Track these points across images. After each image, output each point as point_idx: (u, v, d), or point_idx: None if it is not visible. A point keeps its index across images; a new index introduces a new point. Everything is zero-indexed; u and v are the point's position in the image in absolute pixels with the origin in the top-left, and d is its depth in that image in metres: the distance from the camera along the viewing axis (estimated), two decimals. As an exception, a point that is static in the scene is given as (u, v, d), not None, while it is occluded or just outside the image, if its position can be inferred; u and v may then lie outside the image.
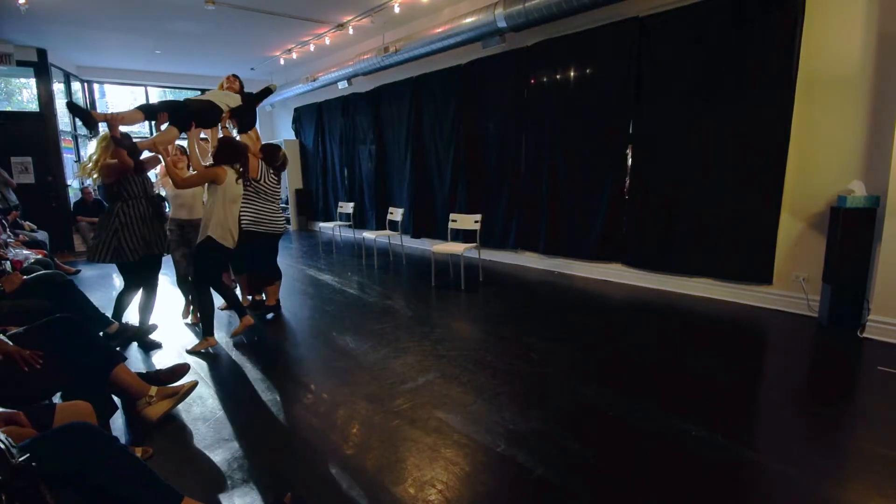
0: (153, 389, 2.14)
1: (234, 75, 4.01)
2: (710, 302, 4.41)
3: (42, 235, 6.29)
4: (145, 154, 3.47)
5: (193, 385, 2.54)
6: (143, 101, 10.43)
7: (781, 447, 2.20)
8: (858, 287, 3.55)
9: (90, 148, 3.50)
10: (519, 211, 6.07)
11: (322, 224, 9.28)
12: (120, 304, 3.58)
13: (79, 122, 9.30)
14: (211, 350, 3.51)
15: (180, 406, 2.56)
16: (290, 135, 11.02)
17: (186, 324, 4.16)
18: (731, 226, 4.26)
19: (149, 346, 3.59)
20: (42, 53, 7.76)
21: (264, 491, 1.92)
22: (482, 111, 6.33)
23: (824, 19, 3.71)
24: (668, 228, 4.70)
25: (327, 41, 7.63)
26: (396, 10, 6.16)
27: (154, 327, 3.73)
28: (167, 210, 3.86)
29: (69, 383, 1.99)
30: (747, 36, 4.00)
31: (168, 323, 4.13)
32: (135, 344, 3.63)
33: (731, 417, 2.47)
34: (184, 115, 3.40)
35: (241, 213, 3.81)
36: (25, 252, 4.37)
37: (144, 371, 2.60)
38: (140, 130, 9.21)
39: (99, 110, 9.99)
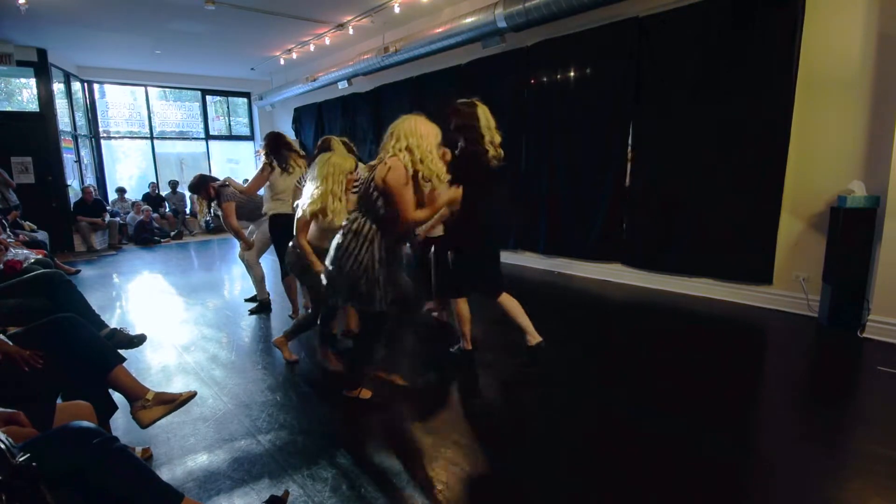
0: (150, 393, 2.13)
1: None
2: (710, 302, 4.41)
3: (42, 235, 6.28)
4: None
5: (192, 395, 2.48)
6: (143, 100, 10.43)
7: (781, 447, 2.21)
8: (858, 287, 3.55)
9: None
10: (519, 211, 6.06)
11: (322, 224, 9.24)
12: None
13: (80, 122, 9.29)
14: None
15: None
16: (289, 134, 10.97)
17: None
18: (730, 226, 4.25)
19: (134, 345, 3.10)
20: (42, 53, 7.74)
21: (264, 491, 1.93)
22: (482, 111, 6.31)
23: (824, 19, 3.71)
24: (668, 228, 4.70)
25: (327, 41, 7.63)
26: (396, 10, 6.16)
27: (143, 338, 3.13)
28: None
29: (69, 383, 1.99)
30: (747, 36, 4.00)
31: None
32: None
33: (732, 417, 2.47)
34: None
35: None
36: (25, 252, 4.35)
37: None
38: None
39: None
